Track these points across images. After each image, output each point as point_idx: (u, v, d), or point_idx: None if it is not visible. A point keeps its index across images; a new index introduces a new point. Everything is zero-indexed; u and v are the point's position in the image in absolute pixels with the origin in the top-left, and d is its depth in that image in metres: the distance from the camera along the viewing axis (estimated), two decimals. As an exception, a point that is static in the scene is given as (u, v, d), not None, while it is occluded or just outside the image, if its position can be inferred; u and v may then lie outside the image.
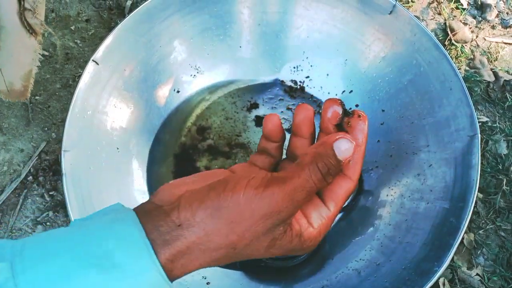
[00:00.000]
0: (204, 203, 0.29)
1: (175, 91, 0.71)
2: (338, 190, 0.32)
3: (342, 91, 0.72)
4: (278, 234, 0.30)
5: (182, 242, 0.29)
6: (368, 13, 0.67)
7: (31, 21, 0.51)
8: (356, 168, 0.32)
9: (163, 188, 0.32)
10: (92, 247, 0.28)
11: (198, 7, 0.67)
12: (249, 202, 0.28)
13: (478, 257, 0.70)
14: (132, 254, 0.27)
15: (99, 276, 0.27)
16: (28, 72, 0.54)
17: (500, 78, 0.81)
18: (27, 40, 0.52)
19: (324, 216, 0.32)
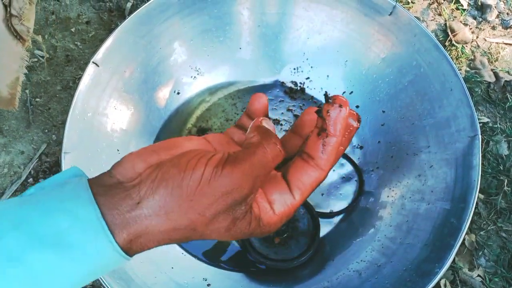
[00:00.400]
0: (165, 181, 0.28)
1: (175, 92, 0.71)
2: (306, 179, 0.31)
3: (343, 92, 0.72)
4: (239, 214, 0.29)
5: (141, 222, 0.28)
6: (368, 14, 0.67)
7: (18, 28, 0.50)
8: (329, 159, 0.31)
9: (126, 159, 0.30)
10: (44, 225, 0.27)
11: (198, 8, 0.67)
12: (209, 180, 0.28)
13: (479, 258, 0.70)
14: (88, 235, 0.27)
15: (55, 255, 0.26)
16: (15, 79, 0.53)
17: (500, 79, 0.81)
18: (14, 47, 0.51)
19: (288, 204, 0.31)
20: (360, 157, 0.69)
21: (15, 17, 0.50)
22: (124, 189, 0.29)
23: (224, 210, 0.28)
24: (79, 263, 0.27)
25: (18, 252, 0.26)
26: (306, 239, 0.62)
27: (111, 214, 0.28)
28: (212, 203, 0.28)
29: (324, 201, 0.67)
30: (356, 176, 0.68)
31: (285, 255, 0.62)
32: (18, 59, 0.53)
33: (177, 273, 0.59)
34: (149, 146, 0.32)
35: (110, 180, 0.29)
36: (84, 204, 0.27)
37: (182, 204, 0.28)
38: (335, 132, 0.30)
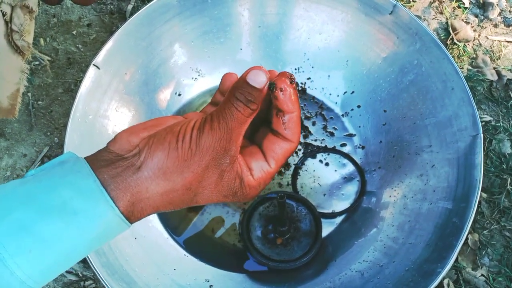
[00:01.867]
0: (161, 145, 0.32)
1: (177, 94, 0.71)
2: (278, 149, 0.36)
3: (344, 92, 0.72)
4: (225, 166, 0.33)
5: (142, 183, 0.32)
6: (369, 13, 0.67)
7: (19, 43, 0.52)
8: (293, 132, 0.35)
9: (121, 136, 0.34)
10: (49, 198, 0.30)
11: (198, 10, 0.67)
12: (196, 139, 0.32)
13: (483, 258, 0.69)
14: (90, 202, 0.30)
15: (62, 223, 0.29)
16: (15, 91, 0.55)
17: (503, 77, 0.81)
18: (15, 60, 0.53)
19: (264, 170, 0.36)
20: (362, 157, 0.69)
21: (16, 33, 0.51)
22: (124, 159, 0.32)
23: (211, 163, 0.33)
24: (83, 228, 0.30)
25: (28, 223, 0.29)
26: (309, 239, 0.62)
27: (115, 181, 0.31)
28: (201, 159, 0.32)
29: (326, 202, 0.67)
30: (358, 176, 0.68)
31: (287, 256, 0.62)
32: (18, 72, 0.54)
33: (180, 274, 0.59)
34: (139, 124, 0.35)
35: (110, 155, 0.33)
36: (84, 177, 0.31)
37: (178, 164, 0.32)
38: (289, 109, 0.35)
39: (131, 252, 0.57)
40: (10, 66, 0.53)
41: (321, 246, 0.63)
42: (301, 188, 0.67)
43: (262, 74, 0.33)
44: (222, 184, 0.34)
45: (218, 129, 0.32)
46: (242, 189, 0.35)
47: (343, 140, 0.71)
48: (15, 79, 0.54)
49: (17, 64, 0.53)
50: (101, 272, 0.50)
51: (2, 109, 0.56)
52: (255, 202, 0.64)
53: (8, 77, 0.53)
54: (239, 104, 0.33)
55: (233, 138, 0.33)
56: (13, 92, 0.55)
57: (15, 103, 0.56)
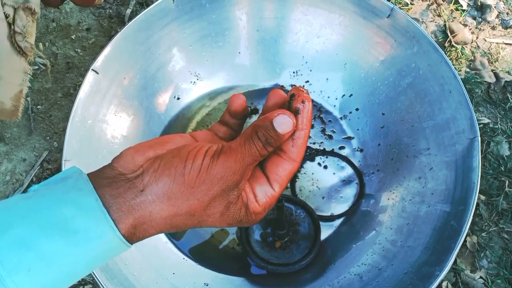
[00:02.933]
0: (168, 169, 0.32)
1: (175, 98, 0.71)
2: (282, 171, 0.35)
3: (342, 95, 0.72)
4: (232, 198, 0.33)
5: (146, 207, 0.31)
6: (366, 17, 0.67)
7: (22, 45, 0.52)
8: (299, 151, 0.35)
9: (126, 153, 0.33)
10: (50, 215, 0.29)
11: (197, 14, 0.68)
12: (207, 168, 0.32)
13: (481, 260, 0.70)
14: (91, 221, 0.30)
15: (62, 241, 0.29)
16: (18, 92, 0.55)
17: (501, 79, 0.81)
18: (18, 62, 0.53)
19: (268, 195, 0.35)
20: (360, 160, 0.69)
21: (18, 34, 0.52)
22: (127, 180, 0.32)
23: (219, 194, 0.32)
24: (83, 248, 0.30)
25: (28, 239, 0.28)
26: (307, 242, 0.62)
27: (117, 202, 0.31)
28: (210, 188, 0.32)
29: (325, 205, 0.67)
30: (357, 179, 0.68)
31: (286, 259, 0.62)
32: (21, 74, 0.55)
33: (179, 278, 0.59)
34: (145, 141, 0.35)
35: (112, 172, 0.32)
36: (86, 195, 0.30)
37: (184, 191, 0.32)
38: (302, 126, 0.34)
39: (130, 256, 0.57)
40: (13, 67, 0.53)
41: (320, 249, 0.63)
42: (299, 191, 0.68)
43: (290, 123, 0.33)
44: (228, 214, 0.34)
45: (234, 163, 0.32)
46: (247, 216, 0.35)
47: (342, 143, 0.71)
48: (18, 80, 0.55)
49: (20, 65, 0.54)
50: (100, 276, 0.50)
51: (5, 111, 0.56)
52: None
53: (11, 78, 0.54)
54: (259, 143, 0.32)
55: (245, 173, 0.33)
56: (16, 93, 0.55)
57: (18, 104, 0.56)
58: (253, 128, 0.33)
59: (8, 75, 0.53)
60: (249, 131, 0.33)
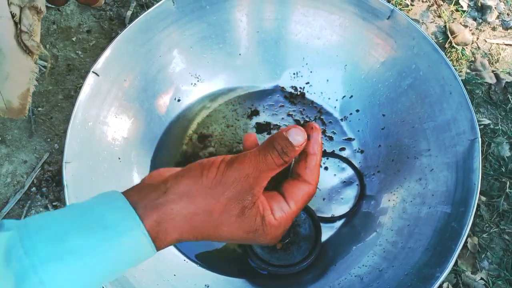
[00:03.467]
0: (188, 173, 0.36)
1: (176, 99, 0.71)
2: (298, 192, 0.39)
3: (343, 96, 0.72)
4: (247, 203, 0.36)
5: (168, 205, 0.35)
6: (367, 18, 0.67)
7: (28, 43, 0.52)
8: (313, 174, 0.39)
9: (155, 172, 0.39)
10: (85, 215, 0.34)
11: (197, 16, 0.68)
12: (223, 172, 0.36)
13: (482, 261, 0.69)
14: (119, 217, 0.34)
15: (93, 235, 0.32)
16: (25, 91, 0.56)
17: (501, 80, 0.81)
18: (24, 60, 0.53)
19: (284, 211, 0.38)
20: (361, 161, 0.69)
21: (25, 33, 0.52)
22: (152, 186, 0.37)
23: (235, 196, 0.36)
24: (113, 242, 0.33)
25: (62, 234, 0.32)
26: (308, 244, 0.62)
27: (143, 202, 0.35)
28: (225, 189, 0.35)
29: (326, 206, 0.67)
30: (357, 180, 0.68)
31: (287, 261, 0.62)
32: (28, 72, 0.55)
33: (179, 280, 0.59)
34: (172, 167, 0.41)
35: (140, 184, 0.38)
36: (115, 199, 0.35)
37: (201, 190, 0.36)
38: (314, 151, 0.39)
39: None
40: (20, 66, 0.54)
41: (321, 251, 0.63)
42: (300, 192, 0.67)
43: (302, 135, 0.37)
44: (243, 219, 0.36)
45: (248, 166, 0.36)
46: (263, 227, 0.37)
47: (342, 144, 0.71)
48: (25, 79, 0.55)
49: (26, 64, 0.54)
50: (101, 278, 0.50)
51: (13, 110, 0.57)
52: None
53: (18, 77, 0.54)
54: (274, 152, 0.36)
55: (259, 180, 0.36)
56: (23, 92, 0.56)
57: (25, 102, 0.57)
58: (268, 140, 0.37)
59: (15, 74, 0.54)
60: (265, 143, 0.37)
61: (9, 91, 0.54)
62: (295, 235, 0.63)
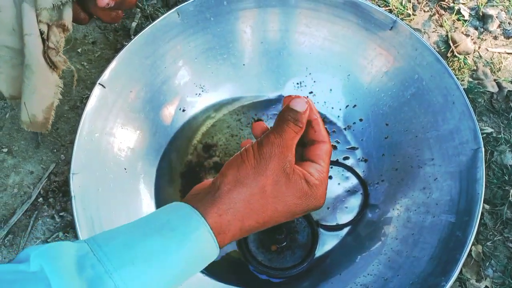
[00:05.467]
0: (231, 165, 0.42)
1: (181, 110, 0.72)
2: (320, 152, 0.45)
3: (346, 106, 0.73)
4: (288, 169, 0.41)
5: (225, 196, 0.40)
6: (369, 29, 0.67)
7: (55, 59, 0.54)
8: (323, 133, 0.46)
9: (196, 186, 0.45)
10: (151, 223, 0.38)
11: (201, 28, 0.69)
12: (258, 151, 0.41)
13: (486, 269, 0.70)
14: (184, 220, 0.38)
15: (161, 239, 0.36)
16: (50, 105, 0.57)
17: (503, 89, 0.82)
18: (50, 76, 0.55)
19: (319, 170, 0.44)
20: (365, 170, 0.70)
21: (52, 50, 0.54)
22: (204, 190, 0.42)
23: (276, 167, 0.41)
24: (180, 243, 0.36)
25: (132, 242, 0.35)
26: (302, 252, 0.63)
27: (201, 203, 0.40)
28: (267, 163, 0.41)
29: (330, 215, 0.67)
30: (361, 189, 0.68)
31: (278, 264, 0.62)
32: (54, 87, 0.58)
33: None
34: None
35: (194, 191, 0.44)
36: (179, 206, 0.40)
37: (249, 172, 0.41)
38: (315, 117, 0.46)
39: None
40: (46, 81, 0.56)
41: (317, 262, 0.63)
42: (305, 202, 0.68)
43: (303, 102, 0.44)
44: (291, 185, 0.42)
45: (275, 139, 0.41)
46: (310, 189, 0.43)
47: (346, 153, 0.71)
48: (50, 93, 0.57)
49: (52, 79, 0.56)
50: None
51: (37, 123, 0.58)
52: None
53: (45, 92, 0.56)
54: (289, 122, 0.43)
55: (288, 147, 0.42)
56: (48, 106, 0.58)
57: (49, 116, 0.59)
58: (279, 116, 0.44)
59: (42, 88, 0.55)
60: (278, 119, 0.44)
61: (35, 105, 0.56)
62: (292, 241, 0.64)
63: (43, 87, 0.55)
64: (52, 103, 0.58)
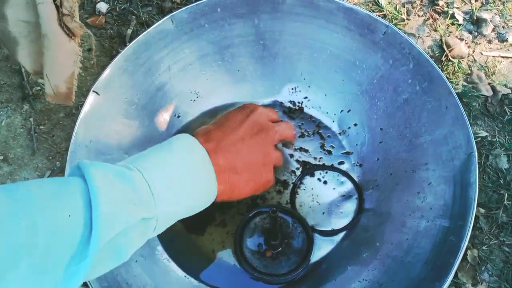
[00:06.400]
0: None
1: (176, 116, 0.72)
2: None
3: (341, 110, 0.73)
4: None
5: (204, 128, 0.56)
6: (363, 34, 0.68)
7: (71, 25, 0.54)
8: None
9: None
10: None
11: (196, 34, 0.69)
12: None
13: (482, 273, 0.70)
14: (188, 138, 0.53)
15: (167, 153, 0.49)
16: (71, 74, 0.57)
17: (498, 92, 0.82)
18: (68, 44, 0.55)
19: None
20: (359, 175, 0.70)
21: (67, 16, 0.54)
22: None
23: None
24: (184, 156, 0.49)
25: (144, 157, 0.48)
26: (297, 258, 0.63)
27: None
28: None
29: (325, 220, 0.67)
30: (356, 194, 0.69)
31: (273, 270, 0.62)
32: (72, 55, 0.57)
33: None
34: None
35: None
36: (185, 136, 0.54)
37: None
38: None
39: (132, 275, 0.58)
40: (63, 50, 0.55)
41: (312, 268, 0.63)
42: (300, 207, 0.68)
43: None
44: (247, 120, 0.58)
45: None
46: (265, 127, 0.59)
47: (341, 158, 0.71)
48: (70, 62, 0.57)
49: (70, 47, 0.56)
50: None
51: (60, 95, 0.58)
52: (253, 212, 0.65)
53: (64, 61, 0.56)
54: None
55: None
56: (69, 75, 0.57)
57: (71, 87, 0.59)
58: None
59: (61, 57, 0.55)
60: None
61: (57, 75, 0.56)
62: (287, 246, 0.64)
63: (62, 56, 0.55)
64: (73, 72, 0.57)
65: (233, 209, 0.67)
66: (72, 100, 0.59)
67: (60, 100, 0.58)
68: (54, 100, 0.57)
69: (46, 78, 0.55)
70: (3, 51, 0.78)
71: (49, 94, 0.57)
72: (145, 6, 0.88)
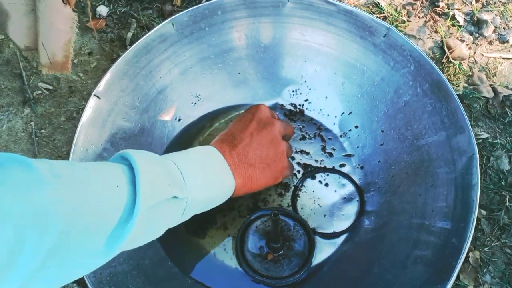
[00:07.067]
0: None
1: (177, 119, 0.72)
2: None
3: (342, 113, 0.73)
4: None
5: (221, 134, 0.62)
6: (363, 36, 0.68)
7: None
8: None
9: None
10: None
11: (196, 37, 0.69)
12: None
13: (484, 275, 0.70)
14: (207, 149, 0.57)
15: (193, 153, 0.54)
16: (67, 41, 0.57)
17: (499, 94, 0.82)
18: (63, 9, 0.55)
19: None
20: (361, 177, 0.70)
21: None
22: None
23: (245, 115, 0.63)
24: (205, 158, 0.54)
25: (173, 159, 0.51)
26: (299, 260, 0.63)
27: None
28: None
29: (327, 222, 0.67)
30: (358, 196, 0.68)
31: (275, 273, 0.62)
32: (68, 21, 0.57)
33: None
34: None
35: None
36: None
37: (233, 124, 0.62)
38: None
39: (133, 280, 0.57)
40: (59, 16, 0.55)
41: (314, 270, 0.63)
42: (301, 209, 0.68)
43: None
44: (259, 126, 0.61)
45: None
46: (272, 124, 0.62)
47: (342, 160, 0.71)
48: (66, 28, 0.57)
49: (66, 12, 0.56)
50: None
51: (57, 63, 0.58)
52: (255, 215, 0.65)
53: (61, 25, 0.57)
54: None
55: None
56: (65, 42, 0.57)
57: (68, 54, 0.58)
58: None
59: (58, 23, 0.55)
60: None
61: (53, 42, 0.56)
62: (289, 249, 0.64)
63: (59, 21, 0.55)
64: (70, 39, 0.57)
65: (234, 211, 0.67)
66: (69, 69, 0.59)
67: (57, 69, 0.58)
68: (50, 70, 0.58)
69: (42, 46, 0.55)
70: (3, 55, 0.78)
71: (45, 64, 0.57)
72: (146, 9, 0.88)
